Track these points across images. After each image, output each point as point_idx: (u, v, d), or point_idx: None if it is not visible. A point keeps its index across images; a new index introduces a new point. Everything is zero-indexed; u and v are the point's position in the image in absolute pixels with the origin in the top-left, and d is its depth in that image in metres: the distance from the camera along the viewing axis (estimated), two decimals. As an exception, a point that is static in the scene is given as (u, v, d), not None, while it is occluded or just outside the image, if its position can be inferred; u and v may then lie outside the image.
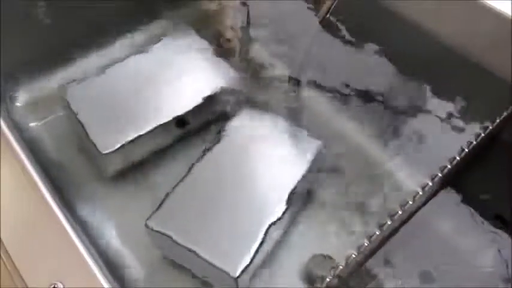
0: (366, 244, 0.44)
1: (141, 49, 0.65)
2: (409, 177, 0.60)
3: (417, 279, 0.56)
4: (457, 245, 0.59)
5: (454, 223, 0.60)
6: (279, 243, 0.55)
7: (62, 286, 0.36)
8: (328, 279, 0.41)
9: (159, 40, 0.66)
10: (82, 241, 0.41)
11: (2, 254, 0.37)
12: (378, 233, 0.45)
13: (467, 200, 0.61)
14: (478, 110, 0.59)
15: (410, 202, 0.46)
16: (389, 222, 0.45)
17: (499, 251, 0.58)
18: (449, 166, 0.48)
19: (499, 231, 0.60)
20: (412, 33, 0.61)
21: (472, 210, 0.61)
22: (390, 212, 0.46)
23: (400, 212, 0.46)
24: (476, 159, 0.60)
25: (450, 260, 0.57)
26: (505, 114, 0.52)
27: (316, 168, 0.57)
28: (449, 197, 0.61)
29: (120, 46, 0.74)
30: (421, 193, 0.47)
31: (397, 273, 0.55)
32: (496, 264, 0.57)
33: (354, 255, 0.43)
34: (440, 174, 0.48)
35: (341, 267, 0.42)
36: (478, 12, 0.56)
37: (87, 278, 0.37)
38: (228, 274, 0.47)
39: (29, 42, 0.66)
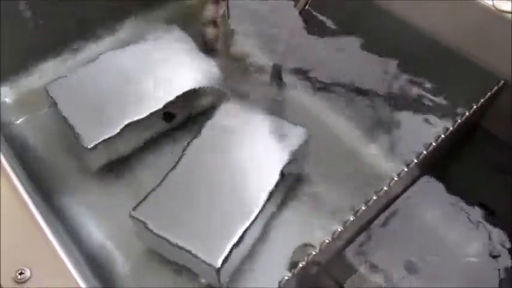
0: (340, 230, 0.44)
1: (125, 45, 0.65)
2: (387, 164, 0.60)
3: (402, 269, 0.56)
4: (442, 234, 0.59)
5: (439, 212, 0.60)
6: (263, 234, 0.55)
7: (29, 272, 0.36)
8: (301, 265, 0.41)
9: (143, 36, 0.66)
10: (57, 232, 0.41)
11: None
12: (352, 219, 0.45)
13: (451, 188, 0.61)
14: (456, 96, 0.59)
15: (385, 188, 0.46)
16: (363, 208, 0.45)
17: (489, 239, 0.58)
18: (425, 152, 0.49)
19: (483, 220, 0.60)
20: (391, 22, 0.61)
21: (457, 199, 0.61)
22: (366, 198, 0.46)
23: (375, 198, 0.46)
24: (458, 148, 0.60)
25: (435, 250, 0.57)
26: (482, 100, 0.52)
27: (301, 156, 0.57)
28: (434, 186, 0.61)
29: (104, 43, 0.74)
30: (396, 179, 0.47)
31: (381, 263, 0.55)
32: (480, 253, 0.57)
33: (327, 241, 0.43)
34: (416, 160, 0.48)
35: (314, 252, 0.42)
36: (458, 1, 0.56)
37: (56, 265, 0.37)
38: (210, 265, 0.47)
39: (12, 39, 0.66)
